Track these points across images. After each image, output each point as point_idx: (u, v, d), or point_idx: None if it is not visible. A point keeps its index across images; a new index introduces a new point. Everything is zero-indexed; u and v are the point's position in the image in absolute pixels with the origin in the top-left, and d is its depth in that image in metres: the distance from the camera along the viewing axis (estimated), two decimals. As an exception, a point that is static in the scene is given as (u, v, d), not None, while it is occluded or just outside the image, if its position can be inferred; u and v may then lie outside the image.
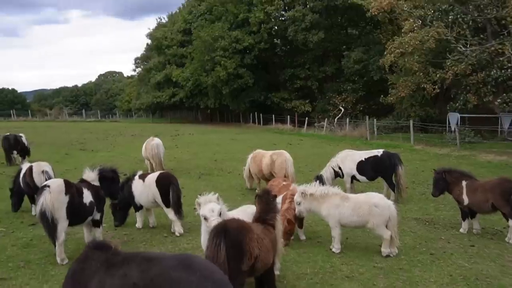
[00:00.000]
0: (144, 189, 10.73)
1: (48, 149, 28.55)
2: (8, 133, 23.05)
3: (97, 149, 28.90)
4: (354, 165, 14.07)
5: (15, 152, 22.37)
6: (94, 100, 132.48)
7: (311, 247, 9.94)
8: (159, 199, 10.57)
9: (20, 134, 23.08)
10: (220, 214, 6.87)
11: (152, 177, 10.77)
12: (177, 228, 10.62)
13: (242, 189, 16.28)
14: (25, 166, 12.38)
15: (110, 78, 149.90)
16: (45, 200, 8.29)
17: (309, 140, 35.07)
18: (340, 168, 14.33)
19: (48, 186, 8.50)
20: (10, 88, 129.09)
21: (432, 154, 24.92)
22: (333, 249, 9.51)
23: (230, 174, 19.39)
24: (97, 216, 9.45)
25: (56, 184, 8.62)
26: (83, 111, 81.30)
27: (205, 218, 6.85)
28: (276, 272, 8.10)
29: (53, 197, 8.33)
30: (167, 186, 10.52)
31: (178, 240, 10.37)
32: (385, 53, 33.96)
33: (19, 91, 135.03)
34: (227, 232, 6.03)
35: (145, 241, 10.33)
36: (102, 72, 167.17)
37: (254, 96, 54.60)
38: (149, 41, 76.05)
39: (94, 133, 42.98)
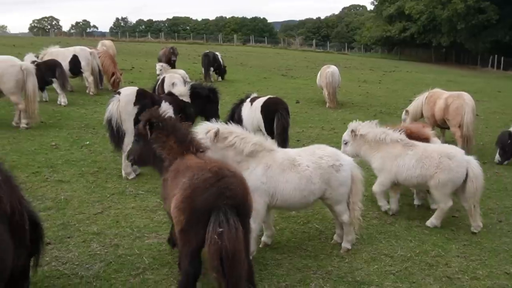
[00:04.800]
0: (250, 113, 9.30)
1: (251, 71, 29.19)
2: (208, 51, 24.04)
3: (296, 76, 28.24)
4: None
5: (211, 69, 23.29)
6: (334, 32, 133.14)
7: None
8: (262, 127, 9.04)
9: (217, 53, 23.86)
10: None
11: (260, 101, 9.21)
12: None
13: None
14: (162, 77, 12.13)
15: (353, 11, 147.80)
16: (112, 108, 7.63)
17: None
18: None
19: (119, 94, 7.77)
20: (261, 17, 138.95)
21: None
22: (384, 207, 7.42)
23: (414, 117, 16.33)
24: (180, 135, 8.46)
25: (127, 92, 7.79)
26: (313, 41, 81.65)
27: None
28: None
29: (121, 106, 7.60)
30: (273, 113, 8.88)
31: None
32: None
33: (269, 21, 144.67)
34: None
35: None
36: (347, 5, 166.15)
37: (497, 36, 46.04)
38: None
39: (311, 62, 42.55)
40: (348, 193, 5.76)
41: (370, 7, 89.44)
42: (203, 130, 5.42)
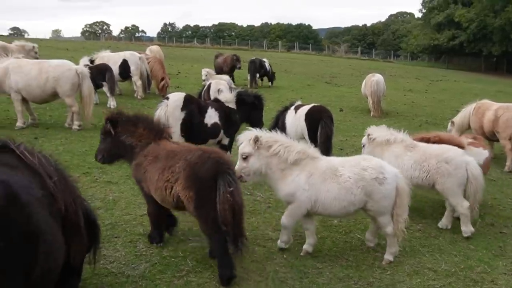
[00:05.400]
0: (294, 121, 9.38)
1: (295, 78, 29.25)
2: (254, 57, 24.29)
3: (340, 84, 28.09)
4: None
5: (257, 75, 23.51)
6: (380, 40, 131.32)
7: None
8: (306, 135, 9.09)
9: (264, 60, 24.08)
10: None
11: (304, 109, 9.28)
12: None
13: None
14: (208, 83, 12.37)
15: (400, 19, 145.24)
16: (160, 112, 7.90)
17: None
18: None
19: (167, 99, 8.04)
20: (306, 24, 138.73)
21: None
22: None
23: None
24: (225, 140, 8.64)
25: (175, 98, 8.07)
26: (359, 49, 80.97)
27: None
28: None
29: (169, 111, 7.87)
30: (317, 122, 8.92)
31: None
32: None
33: (314, 28, 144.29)
34: None
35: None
36: (393, 12, 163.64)
37: (553, 45, 44.37)
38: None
39: (355, 70, 42.21)
40: (392, 205, 5.72)
41: (417, 14, 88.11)
42: (246, 137, 5.58)
